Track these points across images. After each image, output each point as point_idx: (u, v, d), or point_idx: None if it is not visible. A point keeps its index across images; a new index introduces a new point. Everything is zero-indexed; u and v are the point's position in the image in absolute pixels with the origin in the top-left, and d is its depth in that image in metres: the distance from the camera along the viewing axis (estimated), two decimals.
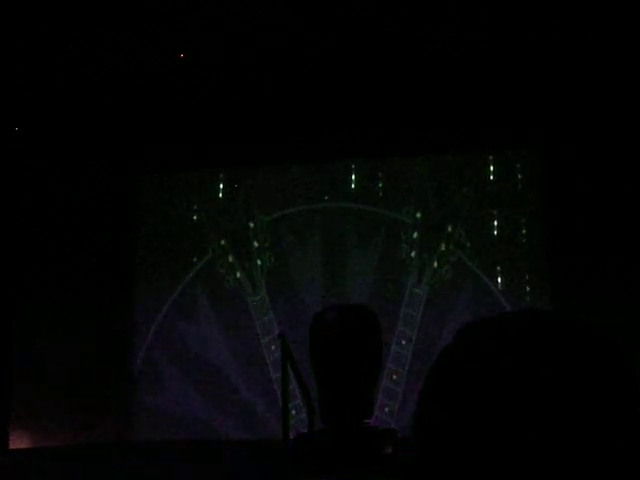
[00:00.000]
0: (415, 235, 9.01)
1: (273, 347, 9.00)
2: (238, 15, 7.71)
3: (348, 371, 2.51)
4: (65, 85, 8.58)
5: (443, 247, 8.94)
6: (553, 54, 8.14)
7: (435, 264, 8.93)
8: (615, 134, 8.43)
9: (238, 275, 9.29)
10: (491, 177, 8.90)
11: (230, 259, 9.31)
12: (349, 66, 8.40)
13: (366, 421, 2.61)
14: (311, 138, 8.91)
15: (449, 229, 8.94)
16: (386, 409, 8.58)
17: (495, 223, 8.84)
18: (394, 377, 8.60)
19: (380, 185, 9.10)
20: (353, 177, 9.17)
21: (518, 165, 8.90)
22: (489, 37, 8.00)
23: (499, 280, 8.79)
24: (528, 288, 8.76)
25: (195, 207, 9.42)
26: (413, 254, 8.98)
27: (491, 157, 8.93)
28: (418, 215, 9.03)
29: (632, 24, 7.66)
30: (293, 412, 8.18)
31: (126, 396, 9.23)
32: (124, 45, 8.09)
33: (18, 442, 8.75)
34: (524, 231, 8.77)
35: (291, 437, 6.87)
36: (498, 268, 8.80)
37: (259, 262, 9.26)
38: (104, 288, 9.21)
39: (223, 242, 9.34)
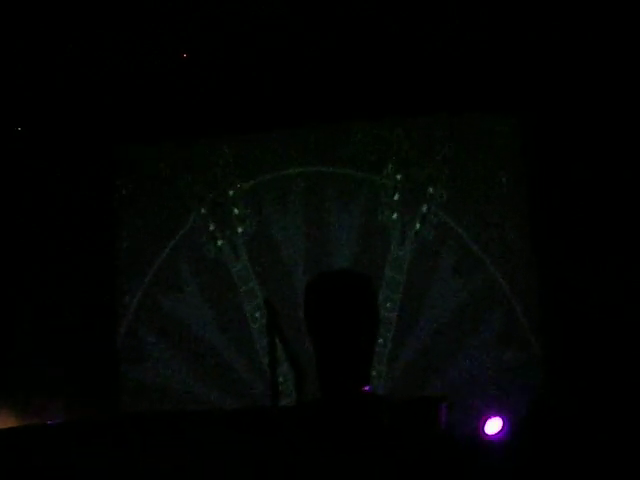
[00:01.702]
0: (396, 197, 8.94)
1: (257, 314, 8.95)
2: None
3: (347, 338, 2.46)
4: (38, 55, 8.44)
5: (425, 208, 8.89)
6: (539, 18, 8.07)
7: (417, 226, 8.88)
8: (595, 98, 8.40)
9: (219, 243, 9.21)
10: (472, 138, 8.83)
11: (211, 227, 9.22)
12: (326, 27, 8.30)
13: (365, 389, 2.57)
14: (289, 103, 8.82)
15: (430, 190, 8.88)
16: (373, 372, 8.55)
17: (476, 184, 8.79)
18: (380, 340, 8.57)
19: (359, 148, 9.02)
20: (332, 141, 9.08)
21: (499, 126, 8.83)
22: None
23: (482, 240, 8.76)
24: (511, 247, 8.72)
25: (173, 176, 9.30)
26: (395, 216, 8.93)
27: (472, 118, 8.85)
28: (398, 177, 8.96)
29: None
30: (280, 379, 8.13)
31: (110, 369, 9.16)
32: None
33: (3, 422, 8.68)
34: (505, 190, 8.72)
35: (280, 405, 6.84)
36: (480, 228, 8.77)
37: (240, 230, 9.18)
38: (84, 261, 9.12)
39: (203, 211, 9.25)
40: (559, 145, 8.48)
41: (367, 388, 2.56)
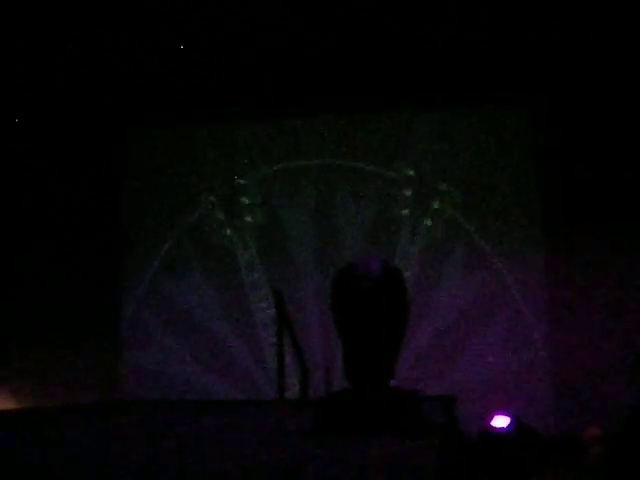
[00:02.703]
0: (408, 193, 8.89)
1: (264, 305, 8.91)
2: None
3: (377, 331, 2.41)
4: (51, 35, 8.38)
5: (436, 205, 8.84)
6: (543, 11, 8.03)
7: (428, 222, 8.83)
8: (600, 89, 8.36)
9: (228, 232, 9.15)
10: (486, 134, 8.77)
11: (220, 216, 9.17)
12: (338, 19, 8.26)
13: (391, 382, 2.53)
14: (305, 94, 8.77)
15: (443, 187, 8.83)
16: None
17: (488, 181, 8.74)
18: None
19: (373, 142, 8.96)
20: (347, 133, 9.02)
21: (514, 122, 8.77)
22: None
23: (491, 237, 8.71)
24: (520, 245, 8.66)
25: (185, 163, 9.24)
26: (406, 212, 8.88)
27: (486, 114, 8.80)
28: (411, 172, 8.91)
29: None
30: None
31: (114, 355, 9.12)
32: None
33: (2, 404, 8.64)
34: (517, 189, 8.67)
35: (284, 397, 6.80)
36: (490, 226, 8.71)
37: (249, 219, 9.13)
38: (91, 245, 9.07)
39: (213, 198, 9.19)
40: (571, 142, 8.43)
41: (393, 382, 2.52)
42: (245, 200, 9.14)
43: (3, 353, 8.86)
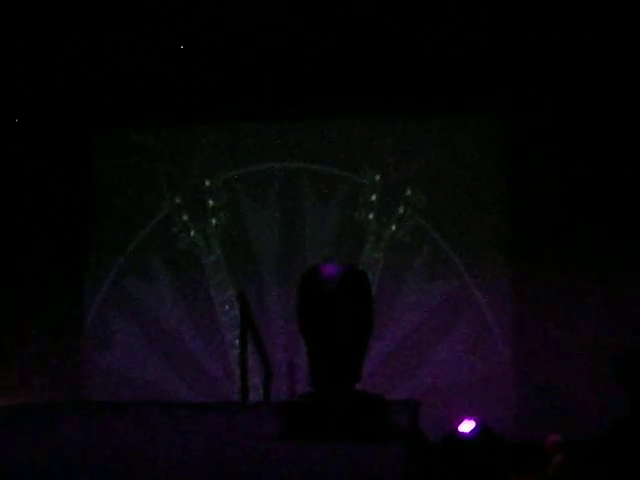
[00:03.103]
0: (374, 198, 8.90)
1: (227, 307, 8.88)
2: None
3: (342, 334, 2.40)
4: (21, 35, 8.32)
5: (401, 210, 8.86)
6: (517, 19, 8.07)
7: (393, 227, 8.85)
8: (570, 99, 8.43)
9: (192, 234, 9.12)
10: (451, 141, 8.81)
11: (185, 217, 9.13)
12: (313, 25, 8.26)
13: (356, 385, 2.52)
14: (272, 97, 8.75)
15: (408, 192, 8.85)
16: None
17: (454, 188, 8.77)
18: None
19: (340, 147, 8.96)
20: (313, 137, 9.02)
21: (478, 130, 8.81)
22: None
23: (456, 244, 8.73)
24: (485, 251, 8.70)
25: (151, 164, 9.19)
26: (371, 216, 8.89)
27: (451, 121, 8.84)
28: (377, 177, 8.92)
29: None
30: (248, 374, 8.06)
31: (76, 355, 9.04)
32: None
33: None
34: (484, 196, 8.71)
35: (247, 399, 6.77)
36: (455, 232, 8.74)
37: (214, 221, 9.10)
38: (57, 245, 9.00)
39: (178, 200, 9.15)
40: (538, 149, 8.48)
41: (357, 385, 2.52)
42: (210, 202, 9.11)
43: None
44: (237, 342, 7.86)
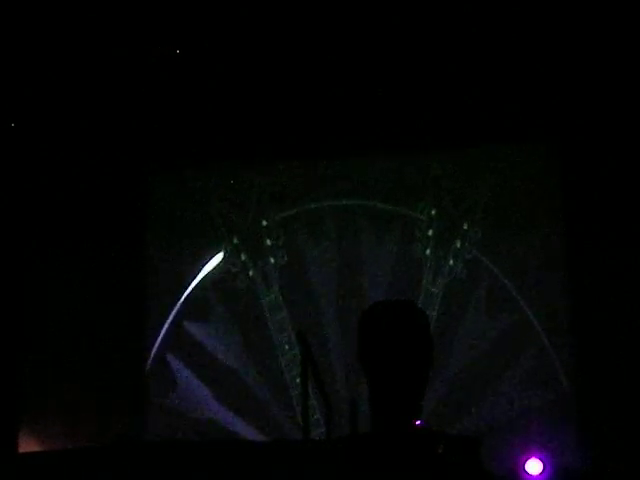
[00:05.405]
0: (430, 232, 8.90)
1: (287, 346, 8.90)
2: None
3: (403, 371, 2.42)
4: (69, 82, 8.51)
5: (458, 244, 8.84)
6: (570, 45, 8.07)
7: (451, 262, 8.83)
8: (631, 126, 8.35)
9: (251, 273, 9.18)
10: (508, 173, 8.79)
11: (242, 257, 9.20)
12: (360, 63, 8.34)
13: (417, 422, 2.54)
14: (326, 134, 8.81)
15: (465, 226, 8.84)
16: None
17: (511, 221, 8.73)
18: None
19: (394, 182, 8.99)
20: (368, 174, 9.06)
21: (536, 161, 8.78)
22: (505, 28, 7.95)
23: (515, 278, 8.68)
24: (545, 287, 8.63)
25: (207, 205, 9.29)
26: (428, 252, 8.88)
27: (508, 152, 8.82)
28: (433, 212, 8.92)
29: None
30: (310, 412, 8.06)
31: (138, 397, 9.10)
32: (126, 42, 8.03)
33: (25, 446, 8.63)
34: (541, 228, 8.66)
35: (309, 438, 6.77)
36: (514, 266, 8.70)
37: (272, 260, 9.16)
38: (113, 287, 9.09)
39: (235, 240, 9.23)
40: (595, 182, 8.39)
41: (419, 422, 2.53)
42: (268, 241, 9.17)
43: (33, 398, 8.89)
44: (298, 381, 7.88)
